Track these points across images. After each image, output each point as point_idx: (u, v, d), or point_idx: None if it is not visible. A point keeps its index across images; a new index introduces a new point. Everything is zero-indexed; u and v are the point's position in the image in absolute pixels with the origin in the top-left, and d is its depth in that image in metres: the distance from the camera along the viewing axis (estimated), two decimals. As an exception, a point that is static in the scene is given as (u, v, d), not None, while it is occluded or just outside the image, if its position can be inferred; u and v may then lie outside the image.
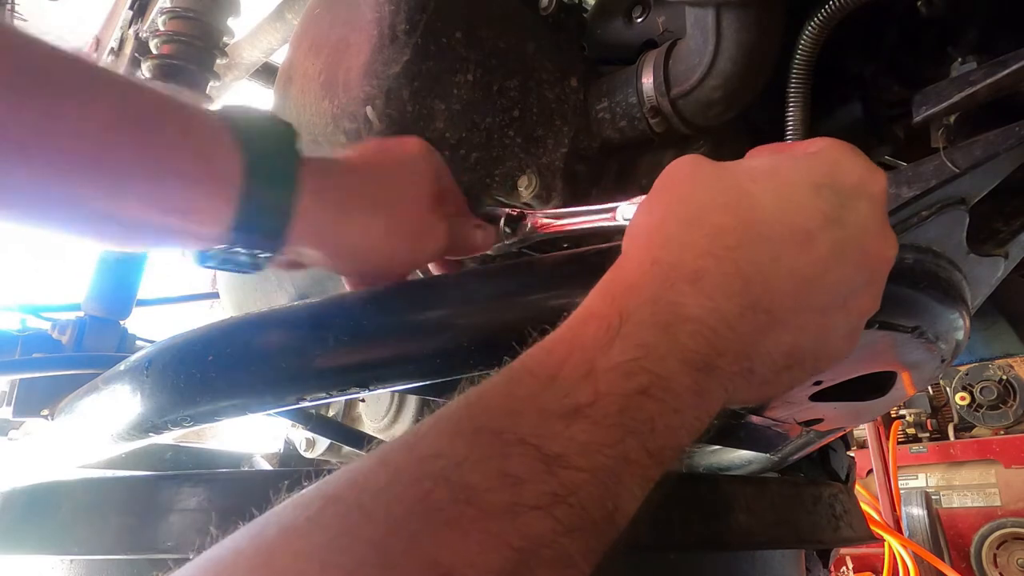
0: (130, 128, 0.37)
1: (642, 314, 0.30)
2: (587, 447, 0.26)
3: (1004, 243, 0.58)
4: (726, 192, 0.33)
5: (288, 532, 0.22)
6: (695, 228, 0.33)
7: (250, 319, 0.52)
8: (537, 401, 0.26)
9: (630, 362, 0.28)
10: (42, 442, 0.89)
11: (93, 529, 0.54)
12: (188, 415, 0.51)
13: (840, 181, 0.34)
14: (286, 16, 1.19)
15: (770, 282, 0.32)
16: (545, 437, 0.25)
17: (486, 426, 0.25)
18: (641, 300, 0.31)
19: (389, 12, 0.59)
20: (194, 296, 1.37)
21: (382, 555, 0.21)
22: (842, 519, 0.69)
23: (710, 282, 0.31)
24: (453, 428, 0.25)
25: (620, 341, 0.29)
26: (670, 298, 0.31)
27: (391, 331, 0.47)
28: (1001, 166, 0.49)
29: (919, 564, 2.66)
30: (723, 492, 0.59)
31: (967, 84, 0.49)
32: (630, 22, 0.68)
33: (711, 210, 0.33)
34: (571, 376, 0.27)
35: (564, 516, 0.24)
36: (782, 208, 0.33)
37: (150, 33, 1.06)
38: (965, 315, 0.52)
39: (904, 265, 0.47)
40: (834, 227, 0.33)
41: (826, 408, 0.66)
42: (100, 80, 0.37)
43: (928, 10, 0.61)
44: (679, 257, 0.32)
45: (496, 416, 0.26)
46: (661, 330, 0.30)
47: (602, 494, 0.26)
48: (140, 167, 0.37)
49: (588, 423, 0.26)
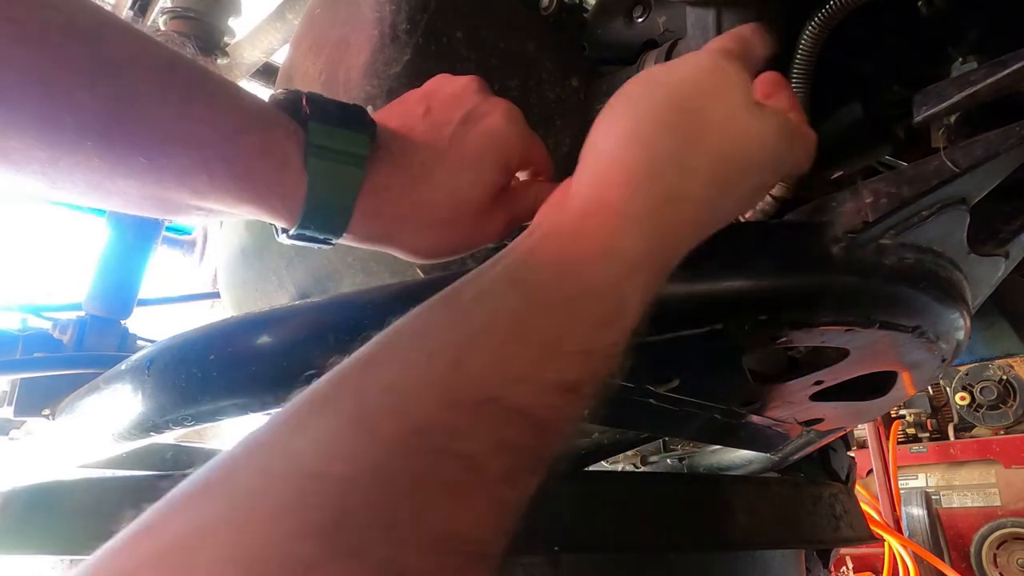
0: (210, 133, 0.38)
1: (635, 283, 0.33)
2: (570, 417, 0.29)
3: (1004, 243, 0.58)
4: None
5: (281, 517, 0.21)
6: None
7: (251, 319, 0.52)
8: (538, 374, 0.28)
9: (613, 346, 0.31)
10: (43, 442, 0.89)
11: (92, 529, 0.54)
12: (189, 415, 0.51)
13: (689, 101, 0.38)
14: (287, 16, 1.19)
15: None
16: (539, 408, 0.27)
17: (485, 394, 0.26)
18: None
19: (390, 12, 0.59)
20: (195, 296, 1.37)
21: (383, 529, 0.21)
22: (842, 519, 0.69)
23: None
24: (446, 396, 0.25)
25: (618, 322, 0.32)
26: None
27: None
28: (1002, 166, 0.49)
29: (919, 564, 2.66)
30: (723, 492, 0.60)
31: (968, 84, 0.49)
32: (631, 22, 0.68)
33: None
34: (569, 354, 0.29)
35: (543, 470, 0.27)
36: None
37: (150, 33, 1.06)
38: (966, 315, 0.52)
39: (904, 265, 0.47)
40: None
41: (826, 408, 0.66)
42: (184, 74, 0.38)
43: (928, 10, 0.61)
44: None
45: (494, 384, 0.26)
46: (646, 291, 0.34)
47: (565, 443, 0.29)
48: (213, 173, 0.39)
49: (576, 396, 0.29)
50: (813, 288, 0.45)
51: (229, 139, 0.39)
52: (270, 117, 0.41)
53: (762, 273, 0.45)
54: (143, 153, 0.37)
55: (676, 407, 0.56)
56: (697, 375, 0.53)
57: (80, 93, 0.34)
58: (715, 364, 0.53)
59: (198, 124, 0.38)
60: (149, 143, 0.37)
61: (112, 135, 0.35)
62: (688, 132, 0.37)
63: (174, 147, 0.37)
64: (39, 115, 0.33)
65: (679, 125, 0.37)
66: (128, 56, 0.36)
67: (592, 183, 0.36)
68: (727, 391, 0.59)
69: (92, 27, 0.35)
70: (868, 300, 0.46)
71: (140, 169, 0.37)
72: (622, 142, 0.37)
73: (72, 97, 0.34)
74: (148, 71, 0.36)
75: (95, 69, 0.34)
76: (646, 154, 0.36)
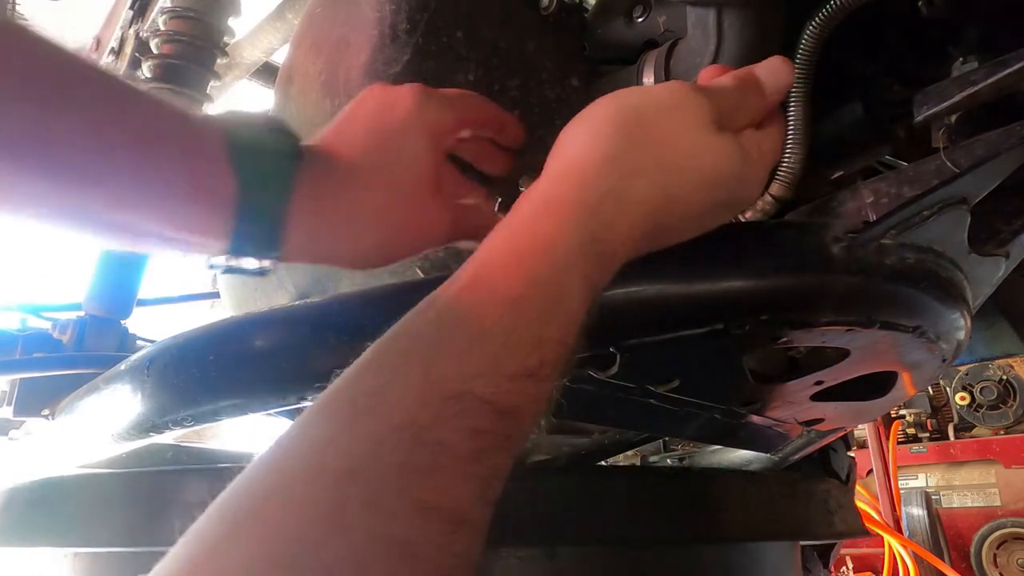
0: (129, 142, 0.38)
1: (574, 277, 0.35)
2: (535, 398, 0.32)
3: (1005, 243, 0.58)
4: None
5: (291, 507, 0.26)
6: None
7: (251, 319, 0.52)
8: (497, 367, 0.31)
9: (562, 333, 0.34)
10: (43, 442, 0.89)
11: (95, 522, 0.54)
12: (189, 415, 0.51)
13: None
14: (287, 16, 1.19)
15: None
16: (503, 395, 0.31)
17: (452, 391, 0.30)
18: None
19: (390, 11, 0.59)
20: (194, 296, 1.37)
21: (376, 507, 0.26)
22: (836, 514, 0.70)
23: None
24: (420, 397, 0.29)
25: (563, 311, 0.34)
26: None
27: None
28: (1002, 166, 0.49)
29: (919, 564, 2.66)
30: (718, 487, 0.61)
31: (968, 84, 0.49)
32: (631, 22, 0.68)
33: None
34: (524, 343, 0.32)
35: (513, 447, 0.31)
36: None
37: (150, 33, 1.06)
38: (966, 315, 0.52)
39: (905, 264, 0.46)
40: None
41: (826, 408, 0.66)
42: (100, 88, 0.37)
43: (929, 10, 0.61)
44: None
45: (459, 381, 0.30)
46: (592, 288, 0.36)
47: (531, 424, 0.33)
48: (138, 183, 0.38)
49: (535, 381, 0.32)
50: (814, 288, 0.45)
51: (148, 146, 0.39)
52: (190, 124, 0.41)
53: (762, 273, 0.45)
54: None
55: (676, 407, 0.56)
56: (697, 375, 0.53)
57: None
58: (715, 364, 0.53)
59: (122, 148, 0.38)
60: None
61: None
62: (640, 138, 0.40)
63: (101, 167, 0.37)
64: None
65: (633, 132, 0.40)
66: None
67: (547, 178, 0.40)
68: (727, 391, 0.59)
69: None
70: (869, 300, 0.46)
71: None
72: (578, 141, 0.40)
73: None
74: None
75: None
76: (597, 152, 0.39)
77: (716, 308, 0.44)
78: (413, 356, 0.31)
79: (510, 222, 0.38)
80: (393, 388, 0.30)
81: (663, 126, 0.41)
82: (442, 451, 0.28)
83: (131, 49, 1.14)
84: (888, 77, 0.67)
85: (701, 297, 0.44)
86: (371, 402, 0.30)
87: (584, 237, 0.36)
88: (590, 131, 0.41)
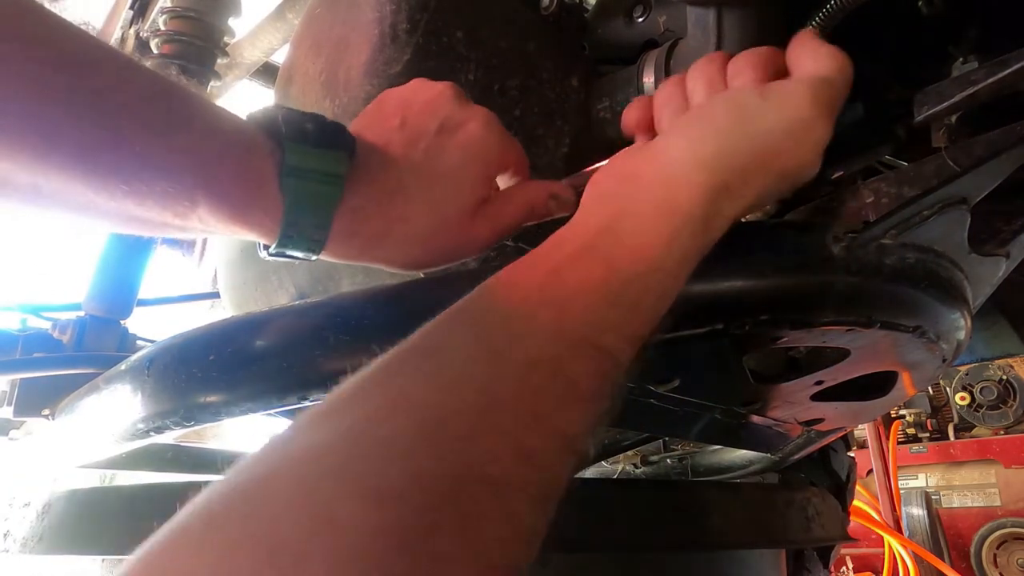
0: (191, 162, 0.39)
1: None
2: (632, 358, 0.36)
3: (1005, 243, 0.58)
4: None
5: (445, 421, 0.28)
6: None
7: (251, 318, 0.52)
8: (623, 327, 0.35)
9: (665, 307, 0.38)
10: (43, 442, 0.89)
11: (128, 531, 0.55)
12: (189, 415, 0.51)
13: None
14: (287, 16, 1.19)
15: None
16: (621, 352, 0.35)
17: (583, 338, 0.33)
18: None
19: (390, 11, 0.59)
20: (194, 296, 1.37)
21: (516, 433, 0.29)
22: (814, 520, 0.71)
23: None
24: (554, 338, 0.33)
25: (675, 291, 0.38)
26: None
27: (392, 330, 0.47)
28: (1002, 166, 0.49)
29: (919, 564, 2.66)
30: (700, 496, 0.62)
31: (968, 84, 0.49)
32: (631, 22, 0.68)
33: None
34: (643, 312, 0.37)
35: (615, 400, 0.35)
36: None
37: (151, 33, 1.06)
38: (967, 315, 0.52)
39: (905, 264, 0.46)
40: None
41: (827, 408, 0.66)
42: (166, 104, 0.39)
43: (929, 10, 0.61)
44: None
45: (590, 331, 0.34)
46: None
47: (626, 379, 0.36)
48: (203, 202, 0.40)
49: (637, 344, 0.36)
50: (814, 288, 0.45)
51: (208, 166, 0.39)
52: (248, 140, 0.41)
53: (763, 273, 0.45)
54: (125, 182, 0.37)
55: (677, 407, 0.56)
56: (697, 375, 0.53)
57: (65, 125, 0.35)
58: (716, 364, 0.53)
59: (179, 154, 0.38)
60: (131, 172, 0.37)
61: (95, 165, 0.36)
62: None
63: (155, 176, 0.38)
64: (23, 145, 0.34)
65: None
66: (113, 87, 0.36)
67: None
68: (728, 391, 0.59)
69: (79, 61, 0.35)
70: (869, 300, 0.46)
71: (121, 195, 0.38)
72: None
73: (57, 129, 0.34)
74: (133, 102, 0.37)
75: (80, 101, 0.35)
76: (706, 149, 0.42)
77: (716, 308, 0.44)
78: (547, 302, 0.34)
79: (636, 203, 0.40)
80: (532, 328, 0.33)
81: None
82: (572, 387, 0.32)
83: (131, 49, 1.14)
84: (888, 77, 0.67)
85: (701, 297, 0.44)
86: (511, 341, 0.32)
87: (705, 213, 0.39)
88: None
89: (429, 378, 0.30)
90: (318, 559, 0.21)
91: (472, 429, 0.28)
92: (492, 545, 0.25)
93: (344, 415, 0.28)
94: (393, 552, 0.22)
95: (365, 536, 0.22)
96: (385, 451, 0.26)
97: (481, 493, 0.26)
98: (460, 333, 0.34)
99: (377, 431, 0.27)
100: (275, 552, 0.21)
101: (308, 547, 0.22)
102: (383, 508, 0.23)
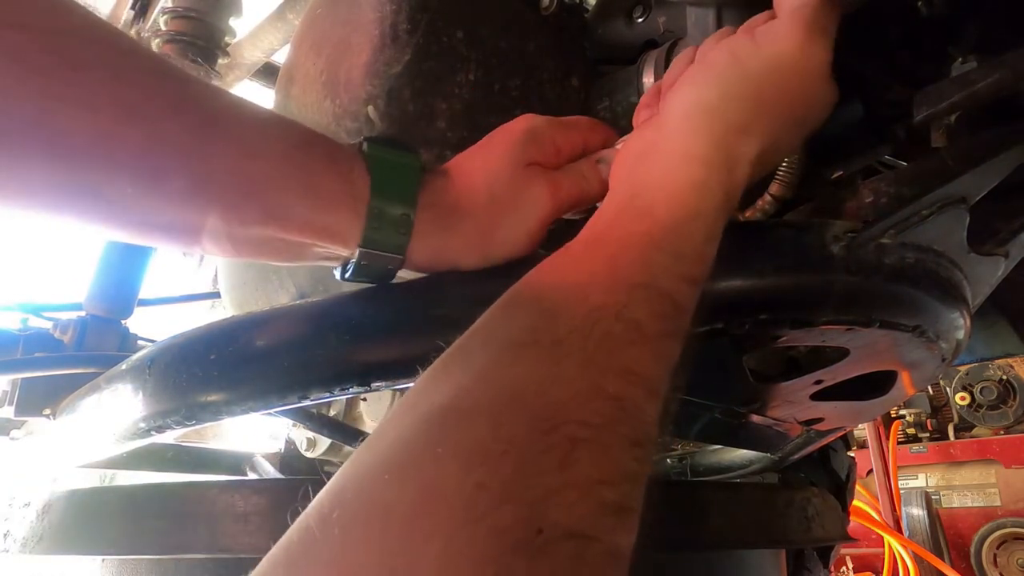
0: (289, 156, 0.42)
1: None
2: (693, 302, 0.38)
3: (1004, 242, 0.58)
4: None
5: (536, 365, 0.31)
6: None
7: (252, 318, 0.52)
8: (671, 269, 0.37)
9: (711, 254, 0.40)
10: (44, 442, 0.89)
11: (128, 531, 0.55)
12: (190, 414, 0.51)
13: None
14: (287, 16, 1.19)
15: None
16: (678, 292, 0.36)
17: (639, 281, 0.35)
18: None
19: (391, 12, 0.59)
20: (195, 296, 1.37)
21: (591, 366, 0.31)
22: (814, 520, 0.71)
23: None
24: (609, 284, 0.35)
25: (716, 237, 0.41)
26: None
27: (393, 329, 0.47)
28: (1002, 165, 0.49)
29: (919, 564, 2.66)
30: (700, 496, 0.63)
31: (968, 84, 0.49)
32: (631, 22, 0.68)
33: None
34: (690, 257, 0.38)
35: (682, 341, 0.37)
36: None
37: (152, 33, 1.06)
38: (966, 314, 0.52)
39: (905, 264, 0.47)
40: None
41: (826, 407, 0.66)
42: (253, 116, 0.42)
43: (928, 10, 0.61)
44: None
45: (643, 275, 0.36)
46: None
47: (690, 324, 0.38)
48: (292, 193, 0.42)
49: (695, 287, 0.38)
50: (813, 288, 0.45)
51: (297, 150, 0.43)
52: (331, 143, 0.45)
53: (762, 273, 0.45)
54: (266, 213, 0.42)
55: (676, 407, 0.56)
56: (697, 375, 0.54)
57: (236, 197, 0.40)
58: (715, 364, 0.53)
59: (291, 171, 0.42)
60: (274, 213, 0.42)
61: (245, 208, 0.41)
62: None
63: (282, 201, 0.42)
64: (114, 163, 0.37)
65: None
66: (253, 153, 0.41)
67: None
68: (727, 391, 0.59)
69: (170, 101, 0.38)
70: (868, 299, 0.47)
71: (260, 225, 0.42)
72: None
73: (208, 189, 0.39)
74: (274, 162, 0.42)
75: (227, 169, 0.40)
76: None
77: (716, 308, 0.44)
78: (603, 257, 0.37)
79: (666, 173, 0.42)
80: (590, 279, 0.35)
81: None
82: (637, 328, 0.33)
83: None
84: (887, 77, 0.67)
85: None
86: (572, 293, 0.34)
87: (724, 156, 0.41)
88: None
89: (503, 350, 0.32)
90: (429, 522, 0.24)
91: (546, 384, 0.30)
92: (594, 484, 0.27)
93: (432, 395, 0.31)
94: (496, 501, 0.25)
95: (468, 491, 0.25)
96: (476, 419, 0.28)
97: (577, 432, 0.28)
98: (520, 309, 0.35)
99: (462, 403, 0.30)
100: (388, 515, 0.25)
101: (418, 510, 0.25)
102: (485, 465, 0.26)
